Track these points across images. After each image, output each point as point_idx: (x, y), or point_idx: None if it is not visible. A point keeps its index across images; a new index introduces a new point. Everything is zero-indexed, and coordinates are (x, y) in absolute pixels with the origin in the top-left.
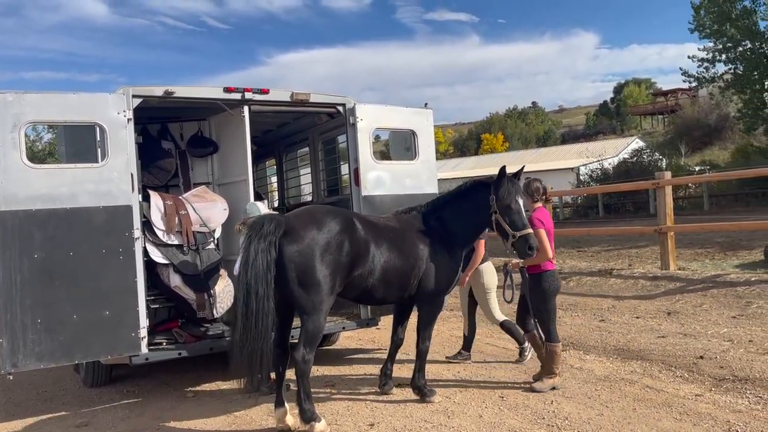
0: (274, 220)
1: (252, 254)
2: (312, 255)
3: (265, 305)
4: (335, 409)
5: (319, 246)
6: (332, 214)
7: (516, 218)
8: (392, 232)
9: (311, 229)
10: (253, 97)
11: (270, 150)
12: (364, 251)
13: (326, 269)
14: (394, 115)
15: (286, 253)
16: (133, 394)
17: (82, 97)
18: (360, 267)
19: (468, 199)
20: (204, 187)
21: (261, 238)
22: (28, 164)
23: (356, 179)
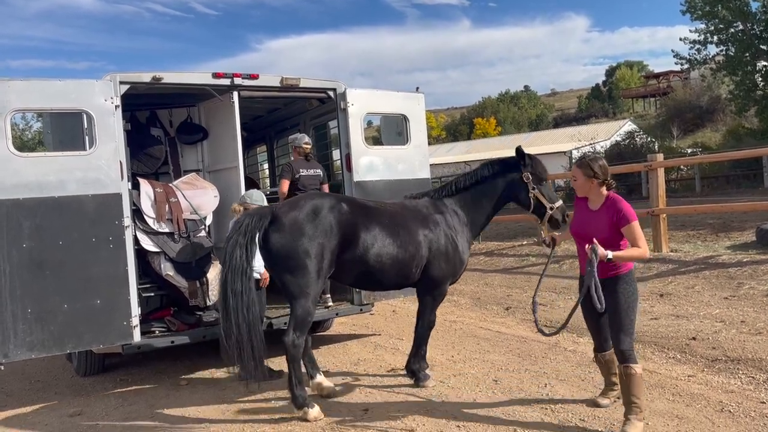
0: (257, 214)
1: (229, 250)
2: (293, 240)
3: (244, 299)
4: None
5: (300, 230)
6: (318, 198)
7: (550, 192)
8: (390, 218)
9: (292, 214)
10: (242, 82)
11: (261, 136)
12: (351, 236)
13: (310, 253)
14: (385, 99)
15: (271, 240)
16: (126, 382)
17: (69, 84)
18: (349, 251)
19: (494, 181)
20: (194, 174)
21: (240, 234)
22: (14, 152)
23: (348, 165)
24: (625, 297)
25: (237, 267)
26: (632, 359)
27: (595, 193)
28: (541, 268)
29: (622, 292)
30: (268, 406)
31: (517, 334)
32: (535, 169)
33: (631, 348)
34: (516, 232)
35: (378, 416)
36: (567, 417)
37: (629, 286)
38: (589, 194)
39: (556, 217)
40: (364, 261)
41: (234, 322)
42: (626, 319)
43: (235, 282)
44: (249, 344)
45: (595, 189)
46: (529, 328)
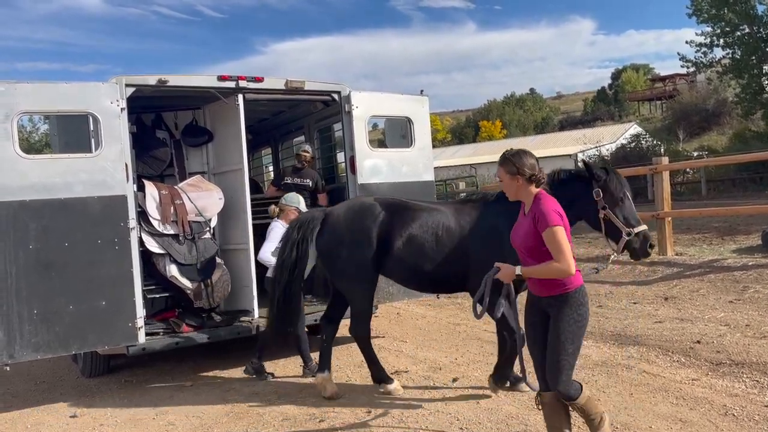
0: (311, 215)
1: (284, 245)
2: (333, 245)
3: (287, 290)
4: None
5: (339, 237)
6: (360, 205)
7: (630, 214)
8: (433, 223)
9: (335, 220)
10: (247, 85)
11: (266, 139)
12: (387, 240)
13: (350, 257)
14: (389, 102)
15: (317, 244)
16: (131, 383)
17: (75, 87)
18: (387, 256)
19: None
20: (199, 177)
21: (295, 230)
22: (21, 154)
23: (352, 167)
24: (567, 324)
25: (286, 261)
26: (572, 396)
27: (524, 194)
28: None
29: (564, 319)
30: (272, 408)
31: None
32: (608, 186)
33: (567, 388)
34: None
35: (381, 418)
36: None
37: (574, 310)
38: (518, 196)
39: (634, 246)
40: (403, 266)
41: (276, 306)
42: (563, 352)
43: (282, 275)
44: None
45: (523, 188)
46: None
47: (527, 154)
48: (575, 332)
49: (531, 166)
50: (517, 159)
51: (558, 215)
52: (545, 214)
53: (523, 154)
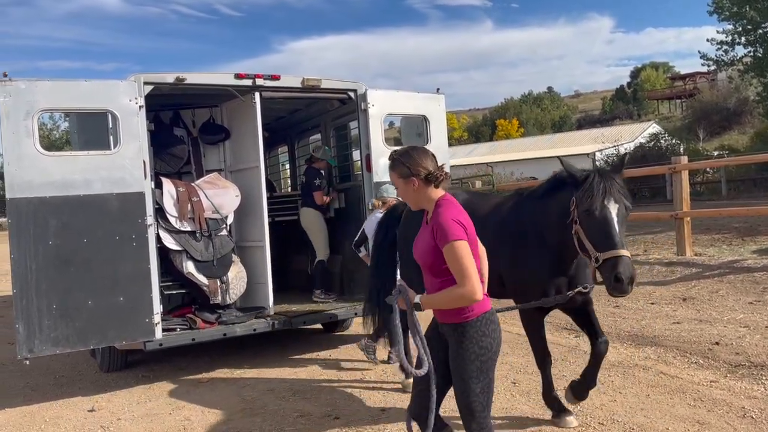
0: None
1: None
2: (404, 238)
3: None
4: (347, 394)
5: (406, 231)
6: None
7: (607, 233)
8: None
9: (407, 215)
10: (264, 83)
11: (282, 137)
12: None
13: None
14: (405, 100)
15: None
16: (148, 378)
17: (94, 85)
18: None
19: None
20: (216, 174)
21: (388, 217)
22: (41, 151)
23: (368, 165)
24: (468, 361)
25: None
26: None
27: (424, 199)
28: None
29: (463, 355)
30: (287, 404)
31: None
32: (580, 197)
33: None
34: None
35: (395, 417)
36: (585, 420)
37: (475, 343)
38: (419, 203)
39: (605, 275)
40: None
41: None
42: (471, 394)
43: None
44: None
45: (422, 193)
46: (547, 330)
47: (419, 150)
48: (479, 368)
49: (426, 163)
50: (407, 158)
51: (459, 226)
52: (443, 225)
53: (413, 152)
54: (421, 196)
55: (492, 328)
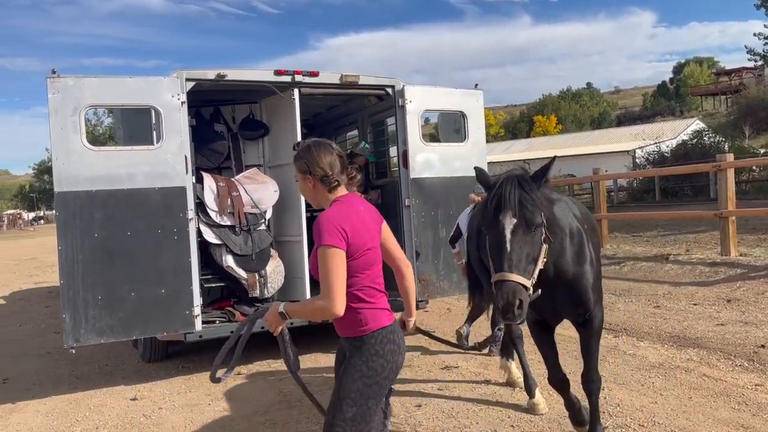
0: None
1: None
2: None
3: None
4: None
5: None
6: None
7: (490, 249)
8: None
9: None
10: (303, 79)
11: (320, 133)
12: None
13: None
14: (443, 96)
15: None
16: (187, 369)
17: (138, 81)
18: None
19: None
20: (255, 169)
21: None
22: (88, 146)
23: (405, 162)
24: (351, 379)
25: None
26: None
27: (323, 199)
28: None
29: (349, 371)
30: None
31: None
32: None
33: None
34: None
35: (431, 412)
36: (625, 421)
37: (364, 362)
38: (319, 202)
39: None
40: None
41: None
42: (338, 415)
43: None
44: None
45: (320, 192)
46: None
47: (322, 146)
48: (361, 391)
49: (326, 163)
50: (307, 154)
51: (337, 232)
52: (319, 227)
53: (316, 147)
54: (320, 195)
55: (389, 348)
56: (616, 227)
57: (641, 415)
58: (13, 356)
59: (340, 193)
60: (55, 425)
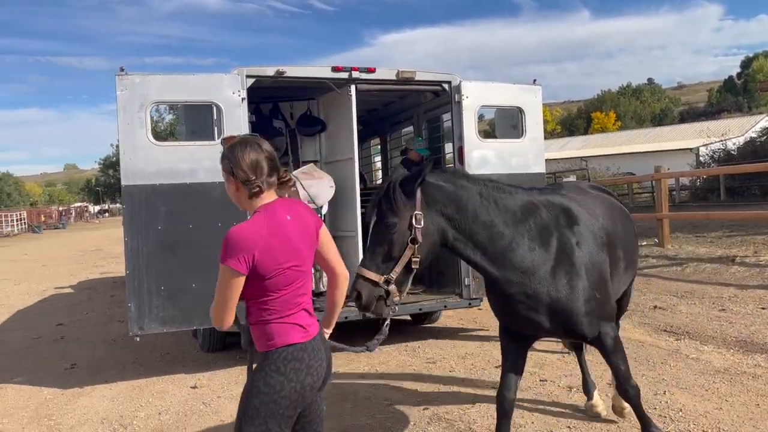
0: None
1: None
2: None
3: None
4: (436, 386)
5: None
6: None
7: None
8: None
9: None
10: (359, 76)
11: (375, 129)
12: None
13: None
14: (500, 92)
15: None
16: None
17: (201, 78)
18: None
19: None
20: (312, 165)
21: None
22: (153, 142)
23: (460, 158)
24: (250, 394)
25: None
26: None
27: (245, 203)
28: (661, 270)
29: (250, 385)
30: (378, 392)
31: (634, 337)
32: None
33: None
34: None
35: (485, 410)
36: (688, 427)
37: (262, 377)
38: (242, 205)
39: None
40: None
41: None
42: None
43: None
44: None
45: (242, 196)
46: (646, 332)
47: (248, 145)
48: (257, 409)
49: (248, 165)
50: (230, 153)
51: (239, 253)
52: (225, 244)
53: (240, 147)
54: (243, 199)
55: (293, 366)
56: (678, 227)
57: (705, 422)
58: (80, 343)
59: (267, 200)
60: (119, 409)
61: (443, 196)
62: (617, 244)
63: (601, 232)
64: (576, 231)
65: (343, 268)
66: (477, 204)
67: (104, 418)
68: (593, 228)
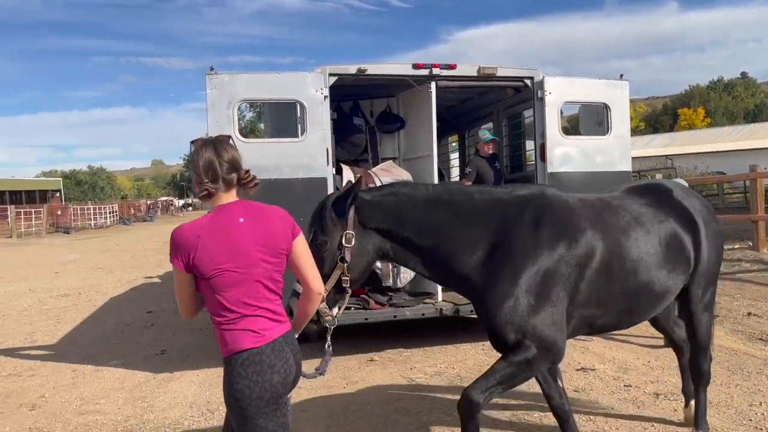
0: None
1: None
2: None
3: None
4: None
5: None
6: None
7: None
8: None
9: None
10: (440, 72)
11: (453, 126)
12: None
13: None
14: (585, 87)
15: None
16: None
17: (285, 77)
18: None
19: None
20: (391, 162)
21: None
22: (240, 139)
23: (542, 155)
24: (230, 403)
25: None
26: None
27: (207, 205)
28: (756, 275)
29: (226, 389)
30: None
31: (726, 345)
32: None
33: None
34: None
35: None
36: None
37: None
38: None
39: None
40: None
41: None
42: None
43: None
44: None
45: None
46: (740, 340)
47: (207, 146)
48: (243, 411)
49: (201, 166)
50: (192, 154)
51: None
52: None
53: (201, 148)
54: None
55: (253, 369)
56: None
57: None
58: (169, 330)
59: (224, 201)
60: (207, 395)
61: (378, 211)
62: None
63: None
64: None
65: (317, 283)
66: (418, 215)
67: (192, 402)
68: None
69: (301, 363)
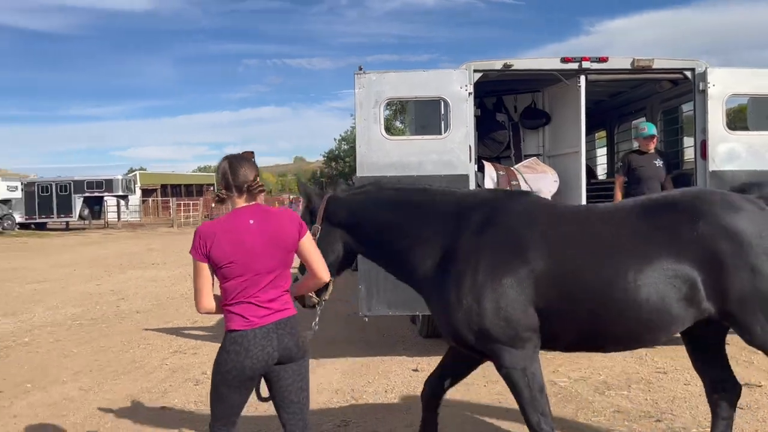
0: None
1: None
2: None
3: None
4: (668, 396)
5: None
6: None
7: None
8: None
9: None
10: (590, 66)
11: (600, 121)
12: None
13: None
14: (755, 78)
15: None
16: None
17: (430, 74)
18: None
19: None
20: (535, 159)
21: None
22: (385, 136)
23: (703, 152)
24: (215, 363)
25: None
26: None
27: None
28: None
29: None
30: (603, 397)
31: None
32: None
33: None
34: None
35: None
36: None
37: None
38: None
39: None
40: None
41: None
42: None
43: None
44: None
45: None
46: None
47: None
48: (214, 376)
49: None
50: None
51: (195, 243)
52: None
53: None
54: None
55: (233, 348)
56: None
57: None
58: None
59: (239, 205)
60: (351, 383)
61: (341, 208)
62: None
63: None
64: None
65: (323, 272)
66: (378, 214)
67: (338, 389)
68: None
69: (297, 342)
